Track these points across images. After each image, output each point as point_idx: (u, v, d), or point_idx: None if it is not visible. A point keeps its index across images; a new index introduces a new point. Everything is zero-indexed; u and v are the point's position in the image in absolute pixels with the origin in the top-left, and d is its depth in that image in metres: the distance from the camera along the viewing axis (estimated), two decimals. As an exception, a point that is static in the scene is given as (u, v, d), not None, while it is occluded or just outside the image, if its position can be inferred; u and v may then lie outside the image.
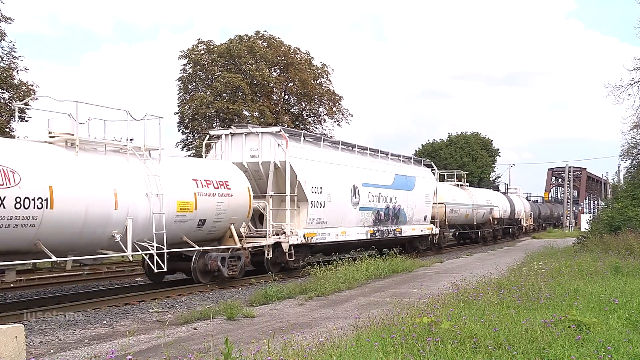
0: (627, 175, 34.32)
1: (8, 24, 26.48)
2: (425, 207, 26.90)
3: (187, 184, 14.73)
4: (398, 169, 24.98)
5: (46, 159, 11.79)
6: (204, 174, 15.43)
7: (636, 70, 27.75)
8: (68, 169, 12.07)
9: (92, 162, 12.67)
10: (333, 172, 19.89)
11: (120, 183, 12.96)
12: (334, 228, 19.67)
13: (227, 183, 15.92)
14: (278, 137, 17.93)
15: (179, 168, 15.07)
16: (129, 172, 13.34)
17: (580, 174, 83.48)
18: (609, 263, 15.28)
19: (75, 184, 11.97)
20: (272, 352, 6.44)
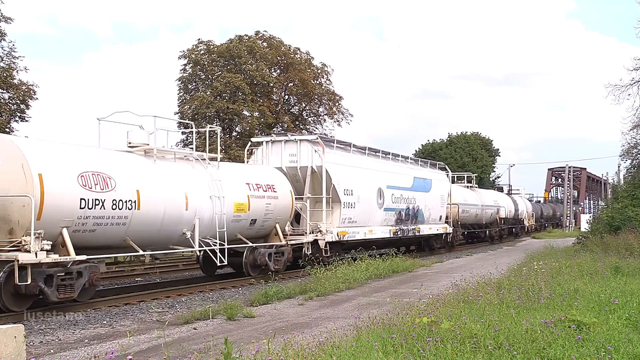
0: (627, 175, 34.34)
1: (8, 24, 26.46)
2: (441, 207, 28.70)
3: (242, 188, 16.59)
4: (417, 172, 26.91)
5: (132, 167, 13.68)
6: (254, 178, 17.29)
7: (636, 70, 27.78)
8: (149, 174, 13.92)
9: (166, 169, 14.57)
10: (361, 175, 21.59)
11: (189, 187, 14.78)
12: (362, 227, 21.36)
13: (273, 186, 17.81)
14: (315, 144, 19.73)
15: (234, 173, 16.92)
16: (195, 178, 15.18)
17: (580, 174, 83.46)
18: (609, 263, 15.28)
19: (155, 188, 13.84)
20: (272, 352, 6.44)
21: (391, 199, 23.47)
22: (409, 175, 25.70)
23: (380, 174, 23.18)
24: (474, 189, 38.35)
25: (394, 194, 23.70)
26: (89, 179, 12.27)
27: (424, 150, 63.16)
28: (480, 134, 66.38)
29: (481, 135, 66.39)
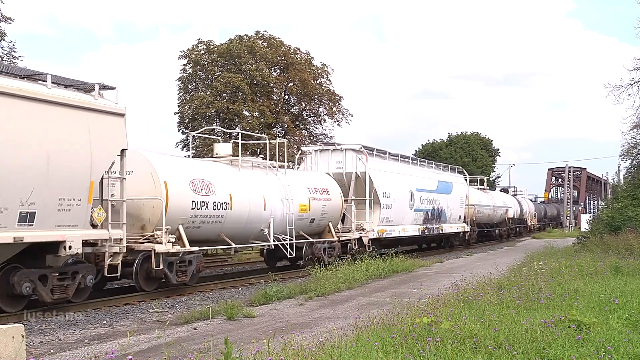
0: (627, 175, 34.33)
1: (8, 24, 26.43)
2: (460, 208, 31.35)
3: (304, 191, 19.20)
4: (440, 176, 29.44)
5: (225, 174, 16.41)
6: (313, 183, 19.95)
7: (636, 70, 27.77)
8: (237, 180, 16.62)
9: (248, 176, 17.27)
10: (396, 179, 24.20)
11: (266, 191, 17.45)
12: (396, 225, 23.95)
13: (327, 190, 20.38)
14: (358, 152, 22.35)
15: (297, 179, 19.49)
16: (269, 183, 17.83)
17: (580, 174, 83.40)
18: (609, 263, 15.28)
19: (242, 192, 16.48)
20: (272, 352, 6.44)
21: (420, 201, 26.08)
22: (433, 179, 28.31)
23: (411, 178, 25.81)
24: (486, 191, 41.13)
25: (422, 196, 26.29)
26: (197, 185, 15.04)
27: (424, 150, 63.13)
28: (480, 134, 66.36)
29: (481, 135, 66.37)
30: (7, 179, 10.19)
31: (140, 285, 13.94)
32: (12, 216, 10.34)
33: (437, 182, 28.56)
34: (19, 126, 10.55)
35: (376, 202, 22.17)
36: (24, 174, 10.50)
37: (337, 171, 22.15)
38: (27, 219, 10.59)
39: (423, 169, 28.39)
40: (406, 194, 24.88)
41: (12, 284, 10.95)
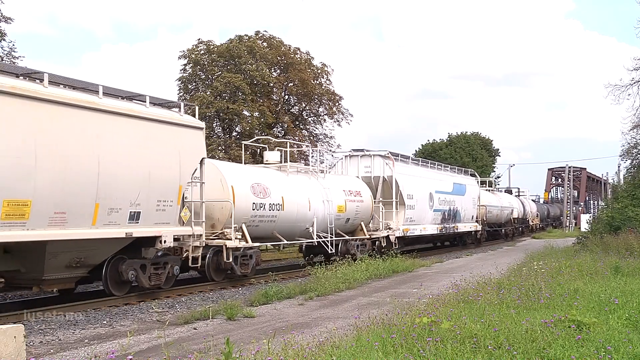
0: (627, 175, 34.34)
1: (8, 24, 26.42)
2: (472, 208, 33.44)
3: (340, 194, 21.17)
4: (455, 179, 31.41)
5: (276, 179, 18.40)
6: (348, 186, 22.02)
7: (636, 70, 27.78)
8: (286, 184, 18.61)
9: (295, 180, 19.33)
10: (418, 182, 26.15)
11: (310, 193, 19.43)
12: (418, 225, 25.97)
13: (359, 192, 22.44)
14: (386, 158, 24.47)
15: (334, 182, 21.39)
16: (312, 186, 19.84)
17: (580, 174, 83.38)
18: (609, 263, 15.28)
19: (291, 194, 18.47)
20: (272, 352, 6.44)
21: (438, 202, 27.97)
22: (449, 182, 30.24)
23: (430, 181, 27.71)
24: (494, 192, 43.52)
25: (440, 197, 28.20)
26: (256, 189, 17.08)
27: (424, 150, 63.11)
28: (480, 134, 66.39)
29: (481, 135, 66.39)
30: (121, 184, 12.23)
31: (211, 275, 15.90)
32: (124, 215, 12.41)
33: (452, 184, 30.42)
34: (129, 140, 12.53)
35: (401, 203, 24.21)
36: (133, 180, 12.53)
37: (366, 175, 24.21)
38: (134, 218, 12.65)
39: (440, 172, 30.25)
40: (426, 196, 26.87)
41: (120, 272, 13.06)
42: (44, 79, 11.11)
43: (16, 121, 10.37)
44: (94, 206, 11.72)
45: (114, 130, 12.20)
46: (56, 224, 10.96)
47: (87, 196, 11.55)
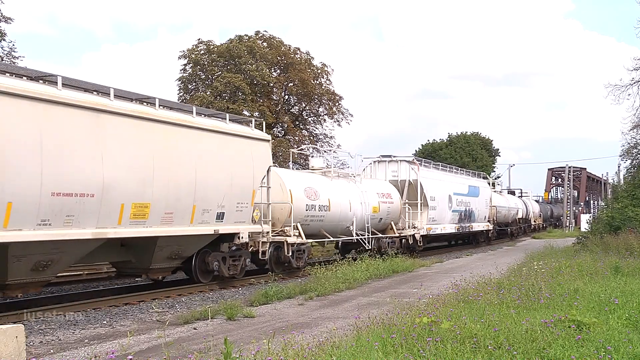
0: (627, 175, 34.35)
1: (8, 24, 26.44)
2: (485, 209, 35.91)
3: (374, 196, 23.43)
4: (470, 182, 33.92)
5: (323, 183, 20.73)
6: (380, 189, 24.41)
7: (636, 70, 27.82)
8: (331, 188, 20.91)
9: (337, 183, 21.73)
10: (439, 185, 28.32)
11: (350, 196, 21.78)
12: (439, 224, 28.23)
13: (390, 195, 24.78)
14: (411, 163, 27.00)
15: (369, 186, 23.65)
16: (351, 189, 22.24)
17: (580, 174, 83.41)
18: (609, 263, 15.27)
19: (336, 197, 20.84)
20: (272, 352, 6.43)
21: (456, 203, 30.21)
22: (465, 184, 32.56)
23: (449, 184, 29.89)
24: (502, 193, 46.51)
25: (457, 199, 30.44)
26: (308, 192, 19.35)
27: (424, 150, 63.11)
28: (480, 134, 66.41)
29: (481, 135, 66.40)
30: (211, 189, 14.46)
31: (272, 267, 17.91)
32: (213, 215, 14.63)
33: (468, 186, 32.74)
34: (217, 152, 14.75)
35: (425, 205, 26.44)
36: (220, 186, 14.73)
37: (393, 178, 26.42)
38: (220, 217, 14.89)
39: (457, 175, 32.78)
40: (446, 198, 29.09)
41: (207, 263, 15.45)
42: (155, 102, 13.35)
43: (143, 141, 12.64)
44: (192, 208, 14.02)
45: (206, 144, 14.44)
46: (166, 223, 13.28)
47: (187, 199, 13.80)
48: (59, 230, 10.87)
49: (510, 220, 44.82)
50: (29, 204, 10.29)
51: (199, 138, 14.17)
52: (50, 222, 10.68)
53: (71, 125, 11.09)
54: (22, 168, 10.16)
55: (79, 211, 11.20)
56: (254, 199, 16.02)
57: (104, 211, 11.70)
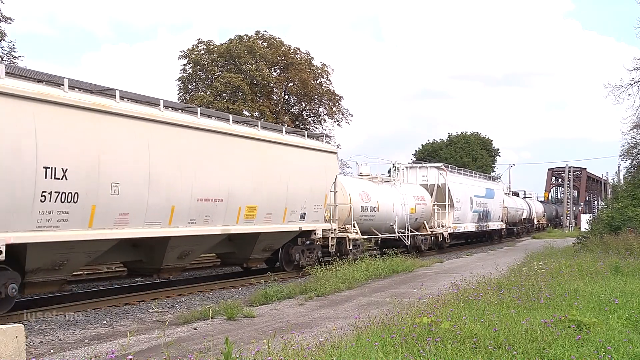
0: (627, 175, 34.34)
1: (8, 24, 26.42)
2: (499, 210, 39.27)
3: (411, 198, 26.72)
4: (486, 184, 37.20)
5: (372, 187, 24.14)
6: (415, 192, 27.48)
7: (636, 70, 27.82)
8: (378, 191, 24.28)
9: (383, 188, 25.17)
10: (462, 188, 31.57)
11: (393, 198, 25.03)
12: (462, 223, 31.74)
13: (423, 197, 27.97)
14: (440, 169, 30.08)
15: (407, 189, 27.08)
16: (394, 193, 25.58)
17: (580, 174, 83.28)
18: (609, 263, 15.27)
19: (383, 199, 24.13)
20: (272, 352, 6.43)
21: (475, 204, 33.59)
22: (482, 187, 35.82)
23: (470, 187, 33.17)
24: (511, 195, 49.17)
25: (477, 200, 33.78)
26: (362, 195, 22.69)
27: (424, 150, 63.09)
28: (480, 134, 66.36)
29: (481, 135, 66.35)
30: (297, 194, 17.50)
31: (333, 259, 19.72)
32: (297, 215, 17.76)
33: (485, 189, 36.02)
34: (300, 163, 17.79)
35: (451, 206, 29.60)
36: (302, 191, 17.75)
37: (423, 182, 29.46)
38: (302, 217, 17.98)
39: (476, 179, 36.04)
40: (468, 199, 32.36)
41: (290, 254, 18.45)
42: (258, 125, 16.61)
43: (252, 157, 15.78)
44: (284, 209, 17.10)
45: (292, 156, 17.49)
46: (267, 222, 16.42)
47: (281, 203, 16.92)
48: (200, 227, 14.12)
49: (517, 220, 47.88)
50: (184, 207, 13.49)
51: (288, 152, 17.31)
52: (195, 220, 13.91)
53: (207, 145, 14.24)
54: (182, 180, 13.39)
55: (213, 212, 14.39)
56: (325, 202, 19.17)
57: (228, 212, 14.93)
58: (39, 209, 10.43)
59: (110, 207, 11.74)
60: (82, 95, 11.54)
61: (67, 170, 10.83)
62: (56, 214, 10.76)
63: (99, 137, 11.53)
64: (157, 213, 12.77)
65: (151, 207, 12.61)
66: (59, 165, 10.71)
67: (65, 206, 10.89)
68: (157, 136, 12.83)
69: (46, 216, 10.60)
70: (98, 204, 11.48)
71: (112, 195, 11.75)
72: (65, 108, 10.95)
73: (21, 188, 10.18)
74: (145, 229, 12.58)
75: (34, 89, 10.60)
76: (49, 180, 10.55)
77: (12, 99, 10.09)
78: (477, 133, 66.00)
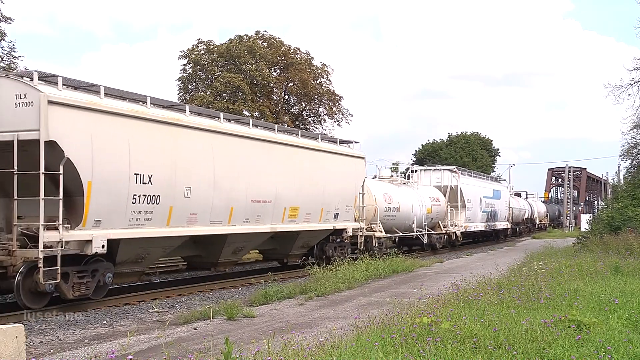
0: (627, 175, 34.33)
1: (8, 24, 26.40)
2: (505, 210, 41.36)
3: (427, 199, 28.82)
4: (493, 186, 39.44)
5: (393, 189, 26.13)
6: (431, 194, 29.79)
7: (636, 70, 27.83)
8: (399, 193, 26.32)
9: (402, 190, 27.15)
10: (472, 190, 33.77)
11: (412, 199, 27.13)
12: (472, 223, 33.86)
13: (438, 199, 30.17)
14: (452, 172, 32.32)
15: (424, 191, 29.11)
16: (412, 194, 27.62)
17: (580, 174, 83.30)
18: (609, 263, 15.27)
19: (403, 200, 26.20)
20: (272, 352, 6.43)
21: (484, 205, 35.66)
22: (490, 188, 38.05)
23: (479, 188, 35.35)
24: (515, 196, 50.96)
25: (485, 201, 35.81)
26: (386, 197, 24.74)
27: (424, 150, 63.10)
28: (480, 134, 66.36)
29: (481, 135, 66.35)
30: (332, 196, 19.43)
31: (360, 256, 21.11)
32: (331, 215, 19.70)
33: (492, 190, 38.11)
34: (334, 168, 19.63)
35: (463, 206, 31.62)
36: (336, 193, 19.69)
37: (437, 184, 31.59)
38: (335, 217, 19.89)
39: (484, 181, 38.32)
40: (478, 200, 34.41)
41: (324, 250, 20.21)
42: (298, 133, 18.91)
43: (294, 162, 17.68)
44: (320, 210, 19.03)
45: (327, 162, 19.38)
46: (306, 221, 18.41)
47: (318, 204, 18.82)
48: (253, 226, 16.00)
49: (520, 220, 49.89)
50: (240, 207, 15.34)
51: (323, 158, 19.26)
52: (249, 219, 15.78)
53: (258, 152, 16.09)
54: (239, 184, 15.24)
55: (263, 212, 16.24)
56: (355, 203, 20.99)
57: (275, 212, 16.78)
58: (131, 210, 12.27)
59: (183, 208, 13.54)
60: (161, 111, 13.38)
61: (152, 176, 12.67)
62: (143, 213, 12.58)
63: (175, 146, 13.35)
64: (219, 213, 14.65)
65: (215, 208, 14.47)
66: (146, 172, 12.54)
67: (150, 207, 12.71)
68: (219, 145, 14.66)
69: (135, 215, 12.41)
70: (174, 205, 13.29)
71: (185, 197, 13.56)
72: (150, 122, 12.78)
73: (118, 192, 11.96)
74: (210, 227, 14.47)
75: (128, 107, 12.51)
76: (139, 185, 12.38)
77: (112, 117, 11.91)
78: (477, 133, 66.05)
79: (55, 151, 10.89)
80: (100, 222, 11.68)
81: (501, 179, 45.30)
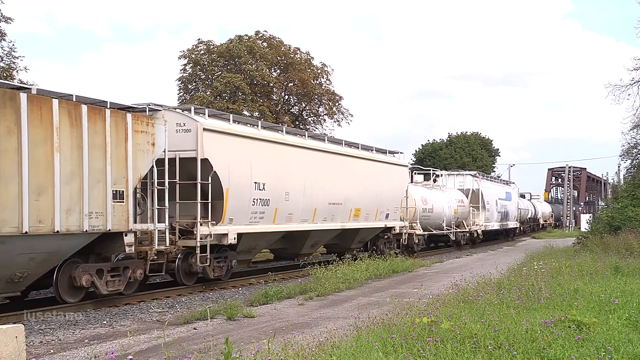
0: (627, 175, 34.32)
1: (8, 24, 26.37)
2: (515, 211, 44.88)
3: (454, 201, 32.21)
4: (506, 188, 43.39)
5: (427, 192, 29.43)
6: (456, 196, 33.16)
7: (636, 70, 27.77)
8: (432, 196, 29.60)
9: (434, 193, 30.36)
10: (490, 192, 37.72)
11: (442, 201, 30.43)
12: (490, 222, 37.45)
13: (462, 200, 33.54)
14: (474, 176, 36.07)
15: (451, 194, 32.62)
16: (442, 197, 31.01)
17: (580, 174, 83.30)
18: (609, 263, 15.27)
19: (436, 202, 29.53)
20: (272, 352, 6.43)
21: (499, 206, 39.50)
22: (503, 191, 41.96)
23: (496, 191, 39.51)
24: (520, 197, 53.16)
25: (500, 202, 39.56)
26: (422, 199, 27.81)
27: (424, 150, 63.09)
28: (480, 134, 66.35)
29: (481, 135, 66.34)
30: (384, 199, 22.78)
31: (402, 251, 24.81)
32: (384, 215, 22.89)
33: (505, 192, 41.92)
34: (386, 176, 23.07)
35: (482, 207, 35.30)
36: (387, 196, 23.02)
37: (459, 187, 34.87)
38: (387, 216, 23.10)
39: (498, 184, 42.90)
40: (494, 202, 38.11)
41: (377, 246, 23.49)
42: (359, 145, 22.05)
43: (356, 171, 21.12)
44: (376, 210, 22.24)
45: (380, 169, 22.70)
46: (365, 220, 21.60)
47: (374, 205, 22.07)
48: (329, 224, 19.51)
49: (524, 219, 52.54)
50: (321, 208, 18.82)
51: (377, 166, 22.60)
52: (326, 219, 19.24)
53: (331, 163, 19.65)
54: (320, 189, 18.65)
55: (335, 212, 19.69)
56: (401, 205, 24.26)
57: (343, 213, 20.16)
58: (251, 210, 15.74)
59: (284, 209, 17.03)
60: (267, 132, 17.05)
61: (265, 184, 16.18)
62: (258, 213, 16.03)
63: (277, 160, 16.86)
64: (306, 213, 18.14)
65: (304, 209, 17.94)
66: (261, 181, 16.05)
67: (263, 208, 16.15)
68: (308, 158, 18.37)
69: (253, 215, 15.87)
70: (278, 207, 16.76)
71: (285, 200, 17.04)
72: (262, 142, 16.41)
73: (244, 196, 15.48)
74: (300, 224, 18.00)
75: (249, 130, 16.36)
76: (257, 191, 15.88)
77: (239, 138, 15.63)
78: (477, 133, 66.05)
79: (205, 166, 14.34)
80: (232, 220, 15.16)
81: (510, 182, 49.16)
